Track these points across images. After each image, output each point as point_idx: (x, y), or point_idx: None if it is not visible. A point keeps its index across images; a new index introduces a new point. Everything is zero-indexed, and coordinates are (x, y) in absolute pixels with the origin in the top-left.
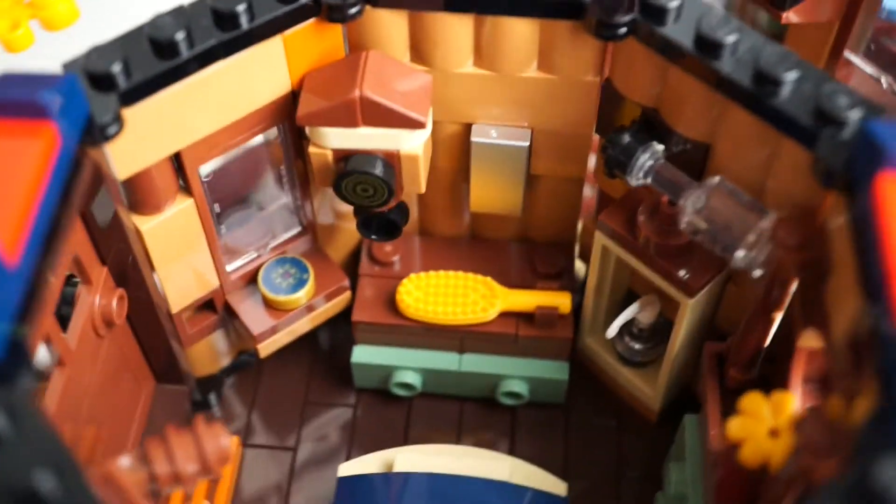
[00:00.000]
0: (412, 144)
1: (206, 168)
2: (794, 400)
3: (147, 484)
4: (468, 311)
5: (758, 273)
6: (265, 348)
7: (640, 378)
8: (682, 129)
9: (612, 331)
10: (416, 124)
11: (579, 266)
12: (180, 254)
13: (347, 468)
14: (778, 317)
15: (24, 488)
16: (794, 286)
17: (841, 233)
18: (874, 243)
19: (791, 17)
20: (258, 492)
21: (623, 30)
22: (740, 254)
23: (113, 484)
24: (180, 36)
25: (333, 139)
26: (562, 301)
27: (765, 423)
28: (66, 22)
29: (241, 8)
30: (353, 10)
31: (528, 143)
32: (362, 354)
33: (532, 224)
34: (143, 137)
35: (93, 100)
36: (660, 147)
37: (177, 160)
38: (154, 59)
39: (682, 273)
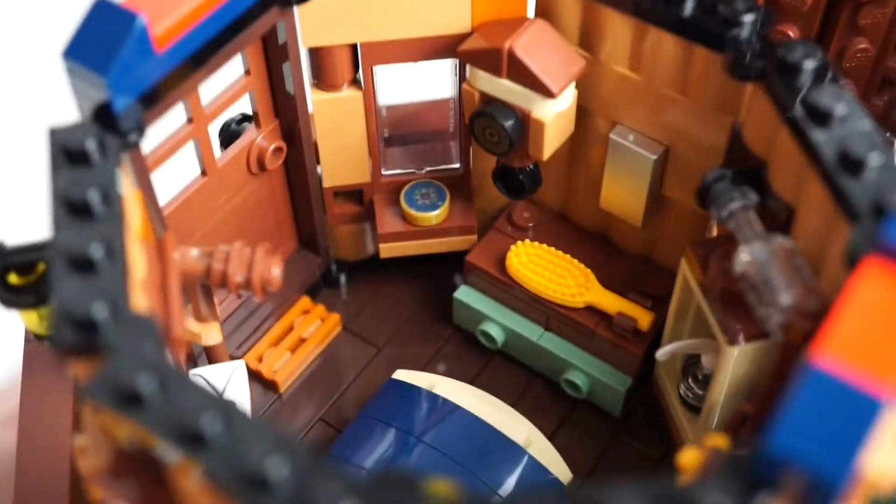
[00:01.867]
0: (543, 111)
1: (385, 98)
2: None
3: (202, 274)
4: (559, 291)
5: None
6: (387, 249)
7: (691, 423)
8: (776, 187)
9: (662, 354)
10: (549, 92)
11: None
12: (341, 137)
13: (401, 374)
14: None
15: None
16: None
17: None
18: None
19: None
20: (333, 366)
21: (752, 74)
22: (761, 310)
23: (180, 262)
24: None
25: (482, 81)
26: (643, 317)
27: None
28: None
29: None
30: None
31: (655, 157)
32: (465, 294)
33: (654, 243)
34: (329, 17)
35: None
36: (753, 196)
37: (355, 52)
38: None
39: (731, 320)
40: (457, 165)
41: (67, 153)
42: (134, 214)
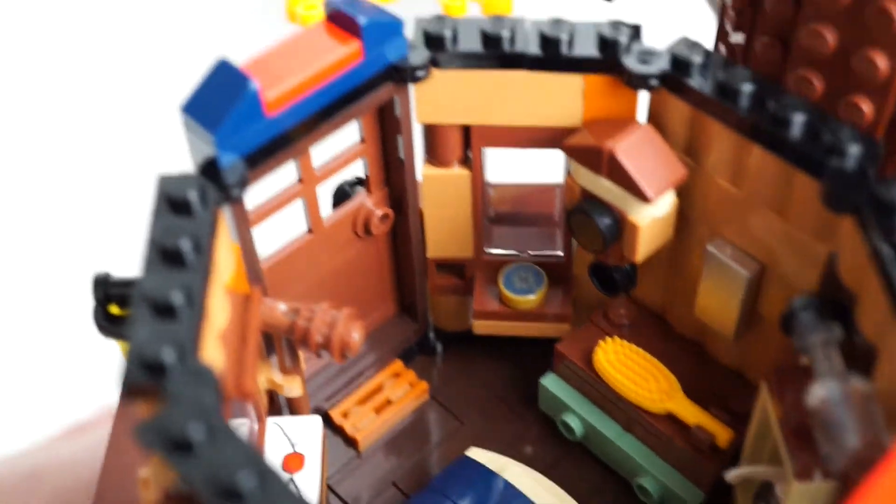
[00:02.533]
0: (639, 214)
1: (494, 176)
2: None
3: (286, 329)
4: (641, 394)
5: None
6: (480, 326)
7: None
8: (862, 324)
9: (732, 476)
10: (644, 197)
11: None
12: (447, 212)
13: (474, 452)
14: None
15: None
16: None
17: None
18: None
19: None
20: (415, 433)
21: (846, 207)
22: (826, 449)
23: (266, 314)
24: (506, 34)
25: (583, 177)
26: (721, 433)
27: None
28: (498, 8)
29: (564, 37)
30: (646, 83)
31: (750, 275)
32: (550, 382)
33: (746, 358)
34: (444, 97)
35: (412, 49)
36: (838, 331)
37: (467, 132)
38: (479, 42)
39: (802, 454)
40: (559, 253)
41: (170, 201)
42: (226, 265)
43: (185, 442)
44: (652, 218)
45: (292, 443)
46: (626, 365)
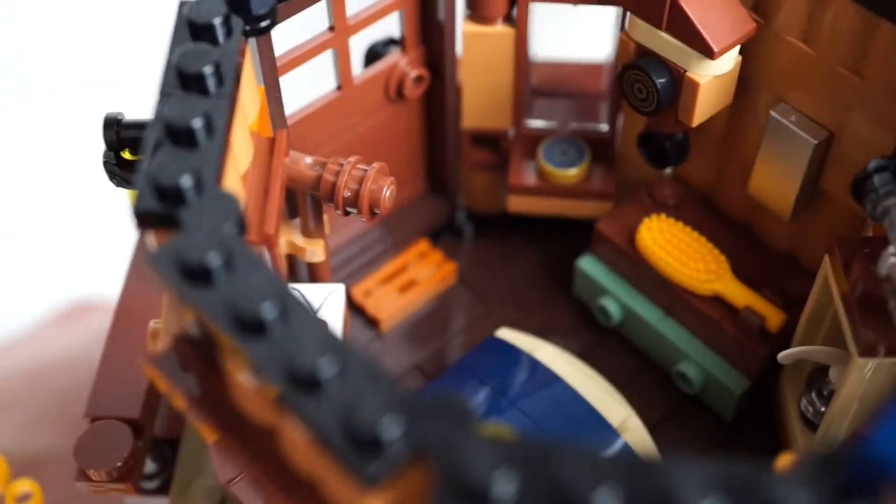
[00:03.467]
0: (700, 71)
1: (539, 49)
2: None
3: (312, 183)
4: (687, 274)
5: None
6: (516, 203)
7: (806, 441)
8: None
9: (784, 356)
10: (708, 50)
11: None
12: (487, 76)
13: (504, 333)
14: None
15: None
16: None
17: None
18: None
19: None
20: (440, 316)
21: None
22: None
23: (291, 166)
24: None
25: (640, 32)
26: (773, 315)
27: None
28: None
29: None
30: None
31: (817, 142)
32: (588, 264)
33: (801, 241)
34: None
35: None
36: None
37: None
38: None
39: (868, 329)
40: (604, 126)
41: (192, 26)
42: (251, 104)
43: (204, 269)
44: (713, 76)
45: (313, 309)
46: (671, 243)
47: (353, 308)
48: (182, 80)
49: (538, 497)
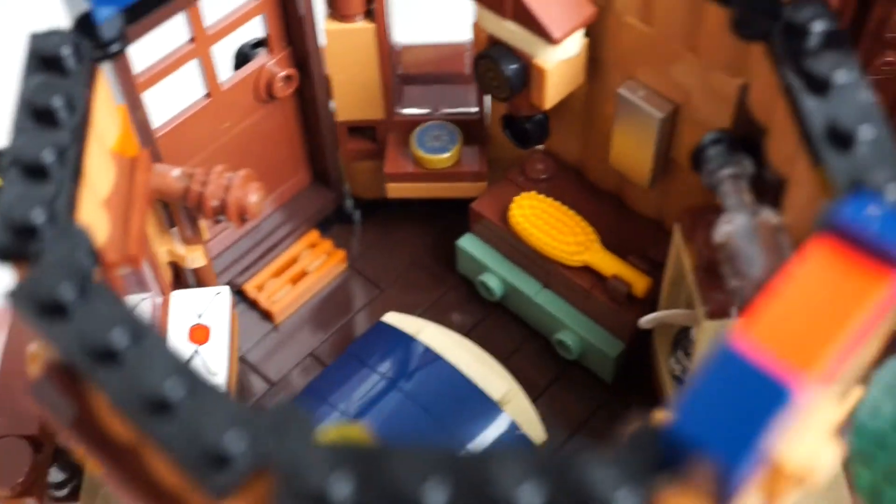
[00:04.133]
0: (545, 58)
1: (402, 36)
2: None
3: (179, 195)
4: (557, 248)
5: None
6: (394, 189)
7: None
8: (772, 157)
9: (645, 321)
10: (550, 37)
11: None
12: (354, 71)
13: (390, 317)
14: None
15: None
16: None
17: None
18: None
19: None
20: (333, 303)
21: (756, 34)
22: (734, 282)
23: (158, 181)
24: None
25: (488, 22)
26: (638, 281)
27: None
28: None
29: None
30: None
31: (662, 115)
32: (468, 243)
33: (665, 207)
34: None
35: None
36: (749, 165)
37: None
38: None
39: (713, 292)
40: (473, 109)
41: (41, 58)
42: (108, 127)
43: (57, 303)
44: (559, 61)
45: (198, 314)
46: (541, 219)
47: (248, 303)
48: (33, 113)
49: (373, 497)
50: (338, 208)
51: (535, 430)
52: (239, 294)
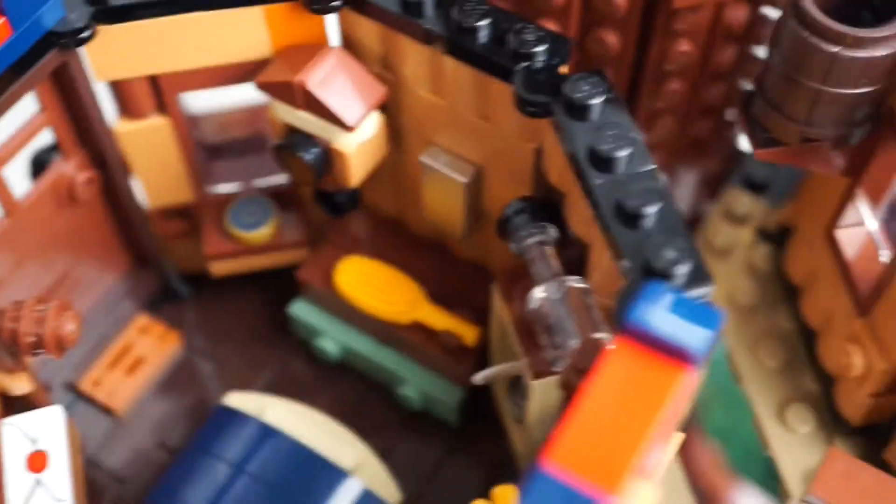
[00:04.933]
0: (344, 142)
1: (197, 105)
2: None
3: None
4: (387, 310)
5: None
6: (217, 267)
7: (521, 436)
8: (571, 222)
9: (479, 378)
10: (344, 125)
11: None
12: (156, 162)
13: (232, 398)
14: None
15: None
16: None
17: None
18: None
19: None
20: (174, 387)
21: (538, 111)
22: (551, 351)
23: None
24: None
25: (282, 112)
26: (468, 333)
27: None
28: None
29: None
30: (328, 6)
31: (466, 180)
32: (299, 309)
33: (486, 251)
34: (121, 51)
35: (71, 10)
36: (553, 231)
37: (156, 82)
38: None
39: (537, 351)
40: (283, 179)
41: None
42: None
43: None
44: (358, 143)
45: (33, 440)
46: (367, 283)
47: (87, 400)
48: None
49: None
50: (164, 287)
51: (390, 492)
52: (75, 391)
